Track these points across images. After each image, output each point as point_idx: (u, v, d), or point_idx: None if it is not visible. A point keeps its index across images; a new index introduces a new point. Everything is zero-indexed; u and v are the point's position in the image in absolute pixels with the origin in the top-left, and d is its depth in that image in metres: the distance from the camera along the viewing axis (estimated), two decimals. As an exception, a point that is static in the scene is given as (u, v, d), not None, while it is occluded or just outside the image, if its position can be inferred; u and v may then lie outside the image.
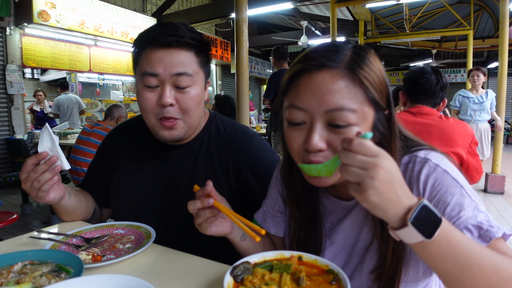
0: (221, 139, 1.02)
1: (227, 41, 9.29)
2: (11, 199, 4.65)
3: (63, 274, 0.65)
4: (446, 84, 1.82)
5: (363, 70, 0.57)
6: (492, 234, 0.56)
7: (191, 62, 0.88)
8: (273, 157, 1.04)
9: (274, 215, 0.84)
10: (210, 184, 0.70)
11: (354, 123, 0.57)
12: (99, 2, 5.97)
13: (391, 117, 0.63)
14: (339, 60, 0.58)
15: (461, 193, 0.59)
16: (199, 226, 0.72)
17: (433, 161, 0.63)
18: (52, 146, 0.81)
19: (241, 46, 2.76)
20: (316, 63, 0.58)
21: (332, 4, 5.89)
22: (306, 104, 0.58)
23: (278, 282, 0.59)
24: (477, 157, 1.77)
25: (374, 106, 0.59)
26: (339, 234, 0.73)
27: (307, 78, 0.59)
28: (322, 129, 0.58)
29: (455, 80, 14.11)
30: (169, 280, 0.69)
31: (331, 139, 0.58)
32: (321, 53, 0.59)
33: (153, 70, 0.85)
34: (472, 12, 7.56)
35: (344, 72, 0.57)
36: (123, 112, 3.41)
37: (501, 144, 4.84)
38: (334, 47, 0.60)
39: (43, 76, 7.98)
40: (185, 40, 0.86)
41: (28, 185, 0.80)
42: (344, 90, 0.57)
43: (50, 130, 0.81)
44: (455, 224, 0.57)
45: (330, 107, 0.57)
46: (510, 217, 3.81)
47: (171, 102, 0.86)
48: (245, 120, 2.85)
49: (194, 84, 0.90)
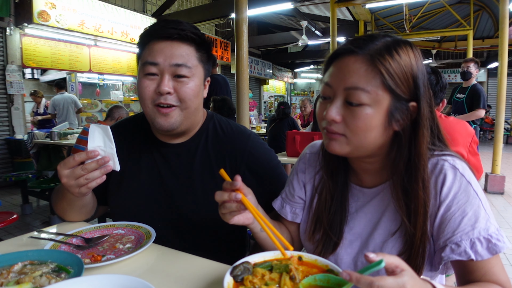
0: (218, 138, 1.03)
1: (227, 41, 9.29)
2: (11, 199, 4.65)
3: (63, 274, 0.65)
4: (445, 85, 1.82)
5: (383, 59, 0.63)
6: (498, 249, 0.62)
7: (191, 55, 0.91)
8: (270, 156, 1.05)
9: (293, 201, 0.88)
10: (239, 180, 0.70)
11: (367, 103, 0.63)
12: (99, 2, 5.97)
13: (420, 111, 0.66)
14: (366, 48, 0.65)
15: (479, 205, 0.65)
16: (223, 215, 0.74)
17: (460, 171, 0.67)
18: (105, 146, 0.81)
19: (241, 46, 2.76)
20: (346, 48, 0.67)
21: (332, 4, 5.89)
22: (332, 81, 0.67)
23: (278, 282, 0.59)
24: (478, 157, 1.77)
25: (391, 93, 0.64)
26: (358, 222, 0.77)
27: (338, 61, 0.68)
28: (340, 105, 0.66)
29: (455, 80, 14.10)
30: (169, 280, 0.70)
31: (345, 115, 0.66)
32: (354, 42, 0.67)
33: (153, 59, 0.88)
34: (472, 12, 7.56)
35: (365, 58, 0.64)
36: (123, 113, 3.42)
37: (501, 144, 4.84)
38: (369, 38, 0.67)
39: (43, 76, 7.97)
40: (186, 33, 0.90)
41: (72, 180, 0.80)
42: (362, 73, 0.64)
43: (109, 131, 0.81)
44: (468, 234, 0.63)
45: (348, 85, 0.64)
46: (510, 217, 3.81)
47: (169, 90, 0.88)
48: (245, 120, 2.85)
49: (193, 76, 0.92)
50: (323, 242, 0.79)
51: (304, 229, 0.86)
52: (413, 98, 0.66)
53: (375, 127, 0.65)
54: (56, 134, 4.24)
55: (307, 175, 0.87)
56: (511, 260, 2.78)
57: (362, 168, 0.77)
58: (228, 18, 6.25)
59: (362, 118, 0.64)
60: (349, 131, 0.66)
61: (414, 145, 0.66)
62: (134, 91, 7.76)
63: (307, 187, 0.87)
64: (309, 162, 0.88)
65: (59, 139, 4.24)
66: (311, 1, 6.55)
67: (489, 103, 13.25)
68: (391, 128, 0.66)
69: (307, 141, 2.83)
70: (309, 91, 16.63)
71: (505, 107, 4.74)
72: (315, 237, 0.81)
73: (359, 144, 0.67)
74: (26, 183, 3.95)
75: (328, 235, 0.78)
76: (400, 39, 0.68)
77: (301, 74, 16.07)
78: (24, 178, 3.92)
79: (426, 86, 0.67)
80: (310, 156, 0.89)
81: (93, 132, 0.80)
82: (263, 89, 13.46)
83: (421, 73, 0.66)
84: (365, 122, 0.64)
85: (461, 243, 0.63)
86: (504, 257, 2.82)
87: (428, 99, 0.67)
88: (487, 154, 7.30)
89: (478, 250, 0.62)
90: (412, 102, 0.66)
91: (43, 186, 3.61)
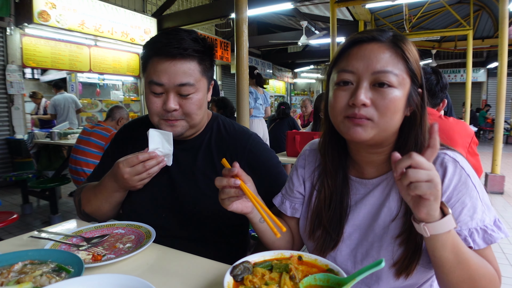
0: (221, 137, 1.08)
1: (227, 41, 9.29)
2: (11, 199, 4.65)
3: (63, 274, 0.65)
4: (446, 85, 1.82)
5: (405, 45, 0.69)
6: (493, 239, 0.66)
7: (194, 71, 0.94)
8: (270, 155, 1.09)
9: (292, 197, 0.90)
10: (237, 165, 0.73)
11: (395, 86, 0.67)
12: (99, 2, 5.97)
13: (423, 97, 0.71)
14: (386, 36, 0.70)
15: (477, 197, 0.68)
16: (222, 201, 0.76)
17: (460, 164, 0.70)
18: (163, 148, 0.97)
19: (241, 46, 2.76)
20: (368, 35, 0.70)
21: (332, 4, 5.89)
22: (355, 67, 0.69)
23: (278, 281, 0.59)
24: (477, 157, 1.77)
25: (411, 78, 0.69)
26: (356, 214, 0.78)
27: (358, 48, 0.70)
28: (367, 89, 0.68)
29: (455, 80, 14.12)
30: (169, 279, 0.70)
31: (373, 98, 0.67)
32: (370, 31, 0.71)
33: (158, 80, 0.92)
34: (471, 12, 7.56)
35: (390, 45, 0.69)
36: (124, 113, 3.42)
37: (500, 144, 4.85)
38: (380, 30, 0.71)
39: (43, 76, 7.97)
40: (188, 53, 0.92)
41: (134, 175, 0.93)
42: (389, 59, 0.67)
43: (171, 136, 0.97)
44: (468, 224, 0.67)
45: (377, 69, 0.67)
46: (510, 217, 3.81)
47: (175, 108, 0.94)
48: (245, 120, 2.84)
49: (197, 91, 0.96)
50: (323, 240, 0.79)
51: (304, 227, 0.86)
52: (420, 85, 0.72)
53: (400, 109, 0.68)
54: (56, 134, 4.24)
55: (307, 171, 0.89)
56: (511, 260, 2.79)
57: (367, 160, 0.77)
58: (228, 18, 6.26)
59: (392, 99, 0.66)
60: (378, 113, 0.67)
61: (420, 129, 0.71)
62: (134, 91, 7.76)
63: (306, 182, 0.88)
64: (309, 158, 0.89)
65: (59, 139, 4.24)
66: (311, 1, 6.55)
67: (489, 103, 13.28)
68: (404, 113, 0.70)
69: (307, 141, 2.82)
70: (309, 91, 16.63)
71: (505, 107, 4.74)
72: (315, 235, 0.81)
73: (384, 126, 0.68)
74: (26, 183, 3.95)
75: (328, 233, 0.79)
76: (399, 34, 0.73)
77: (301, 74, 16.06)
78: (24, 178, 3.92)
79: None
80: (310, 152, 0.90)
81: (153, 136, 0.96)
82: (263, 89, 13.44)
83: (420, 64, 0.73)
84: (394, 104, 0.67)
85: (461, 232, 0.66)
86: (504, 257, 2.83)
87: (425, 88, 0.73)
88: (487, 154, 7.30)
89: (476, 240, 0.66)
90: (419, 89, 0.71)
91: (43, 186, 3.62)
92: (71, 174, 3.23)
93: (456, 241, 0.61)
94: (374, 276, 0.73)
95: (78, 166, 3.12)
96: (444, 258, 0.61)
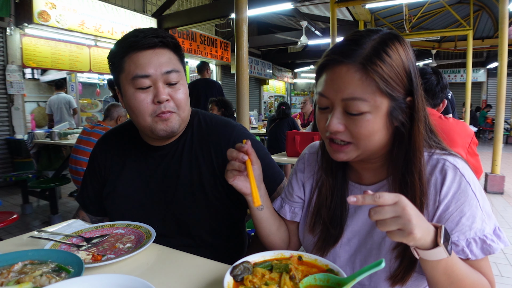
0: (202, 133, 1.04)
1: (227, 41, 9.29)
2: (11, 199, 4.65)
3: (63, 274, 0.65)
4: (446, 85, 1.82)
5: (375, 66, 0.62)
6: (492, 250, 0.64)
7: (174, 60, 0.95)
8: (256, 146, 1.02)
9: (292, 201, 0.90)
10: (248, 143, 0.77)
11: (366, 111, 0.64)
12: (99, 2, 5.97)
13: (415, 104, 0.66)
14: (356, 55, 0.63)
15: (476, 206, 0.66)
16: (226, 172, 0.79)
17: (460, 170, 0.67)
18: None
19: (241, 46, 2.75)
20: (336, 58, 0.65)
21: (332, 4, 5.88)
22: (327, 92, 0.67)
23: (278, 281, 0.59)
24: (477, 157, 1.77)
25: (388, 97, 0.64)
26: (356, 220, 0.77)
27: (329, 71, 0.67)
28: (340, 114, 0.66)
29: (455, 80, 14.12)
30: (169, 280, 0.70)
31: (347, 123, 0.66)
32: (342, 49, 0.65)
33: (144, 72, 0.89)
34: (471, 12, 7.55)
35: (358, 67, 0.63)
36: (122, 111, 3.40)
37: (500, 144, 4.85)
38: (355, 42, 0.65)
39: (44, 77, 7.93)
40: (167, 40, 0.93)
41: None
42: (357, 82, 0.63)
43: None
44: (466, 234, 0.65)
45: (345, 96, 0.64)
46: (509, 217, 3.81)
47: (167, 97, 0.92)
48: (245, 120, 2.84)
49: (182, 79, 0.96)
50: (323, 236, 0.79)
51: (304, 225, 0.86)
52: (409, 93, 0.67)
53: (378, 130, 0.66)
54: (56, 134, 4.24)
55: (306, 175, 0.88)
56: (511, 260, 2.78)
57: (363, 167, 0.77)
58: (228, 18, 6.25)
59: (365, 125, 0.64)
60: (354, 138, 0.67)
61: (412, 137, 0.67)
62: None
63: (306, 186, 0.88)
64: (308, 162, 0.89)
65: (59, 139, 4.24)
66: (311, 1, 6.55)
67: (489, 103, 13.27)
68: (392, 126, 0.68)
69: (307, 141, 2.82)
70: (309, 91, 16.62)
71: (505, 107, 4.74)
72: (315, 229, 0.81)
73: (365, 148, 0.68)
74: (26, 183, 3.95)
75: (328, 229, 0.78)
76: (385, 36, 0.66)
77: (301, 74, 16.06)
78: (24, 178, 3.92)
79: (417, 76, 0.67)
80: (309, 156, 0.90)
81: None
82: (263, 89, 13.46)
83: (412, 66, 0.66)
84: (368, 129, 0.65)
85: (459, 242, 0.65)
86: (504, 257, 2.82)
87: (420, 89, 0.68)
88: (487, 154, 7.30)
89: (473, 250, 0.64)
90: (408, 97, 0.67)
91: (43, 186, 3.61)
92: (71, 174, 3.23)
93: (450, 263, 0.59)
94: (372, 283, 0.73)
95: (79, 166, 3.12)
96: (436, 278, 0.61)
